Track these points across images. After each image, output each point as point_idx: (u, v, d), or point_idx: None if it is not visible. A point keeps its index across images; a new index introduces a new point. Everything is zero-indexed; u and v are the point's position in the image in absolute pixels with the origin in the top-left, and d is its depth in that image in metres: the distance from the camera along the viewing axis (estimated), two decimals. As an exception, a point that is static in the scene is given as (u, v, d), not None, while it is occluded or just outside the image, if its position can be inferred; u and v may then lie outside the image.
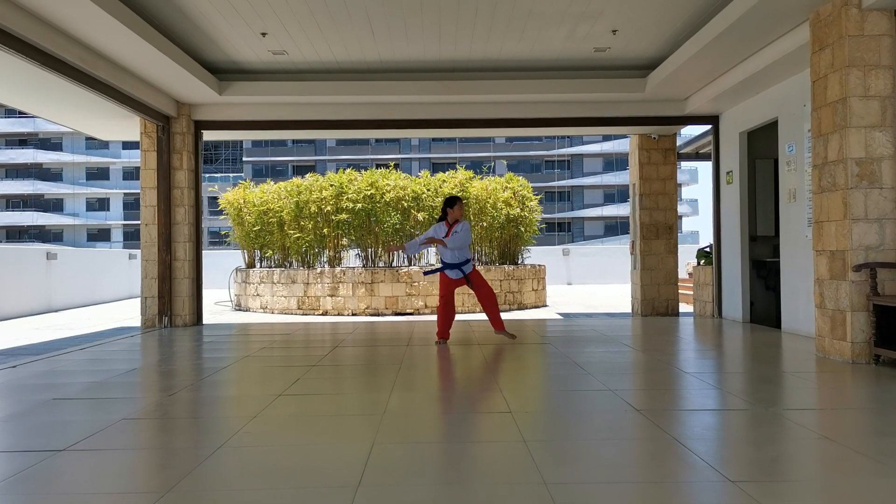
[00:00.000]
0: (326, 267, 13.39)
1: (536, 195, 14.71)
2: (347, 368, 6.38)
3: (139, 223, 12.08)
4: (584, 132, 13.17)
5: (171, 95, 9.75)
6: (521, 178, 14.66)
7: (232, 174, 56.53)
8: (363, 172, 13.94)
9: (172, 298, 10.08)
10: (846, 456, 3.36)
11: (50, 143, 58.85)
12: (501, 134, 13.05)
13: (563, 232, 57.81)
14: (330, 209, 13.22)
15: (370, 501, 2.79)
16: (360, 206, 13.10)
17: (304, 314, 12.87)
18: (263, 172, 56.31)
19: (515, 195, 14.09)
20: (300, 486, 3.00)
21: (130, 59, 7.99)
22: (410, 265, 13.47)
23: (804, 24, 6.82)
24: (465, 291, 12.92)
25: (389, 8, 7.40)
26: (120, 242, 57.99)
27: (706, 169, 25.03)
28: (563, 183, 58.78)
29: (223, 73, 9.64)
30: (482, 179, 14.15)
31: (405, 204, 13.30)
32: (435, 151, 58.73)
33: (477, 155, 56.24)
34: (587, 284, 22.20)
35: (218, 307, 14.60)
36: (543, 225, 17.01)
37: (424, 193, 13.51)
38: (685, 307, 12.85)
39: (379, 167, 14.92)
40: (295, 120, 10.34)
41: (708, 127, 10.82)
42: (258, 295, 13.71)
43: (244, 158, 59.55)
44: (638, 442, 3.70)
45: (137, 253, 18.10)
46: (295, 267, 13.70)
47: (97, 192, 59.34)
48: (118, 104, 8.70)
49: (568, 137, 56.46)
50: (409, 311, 12.66)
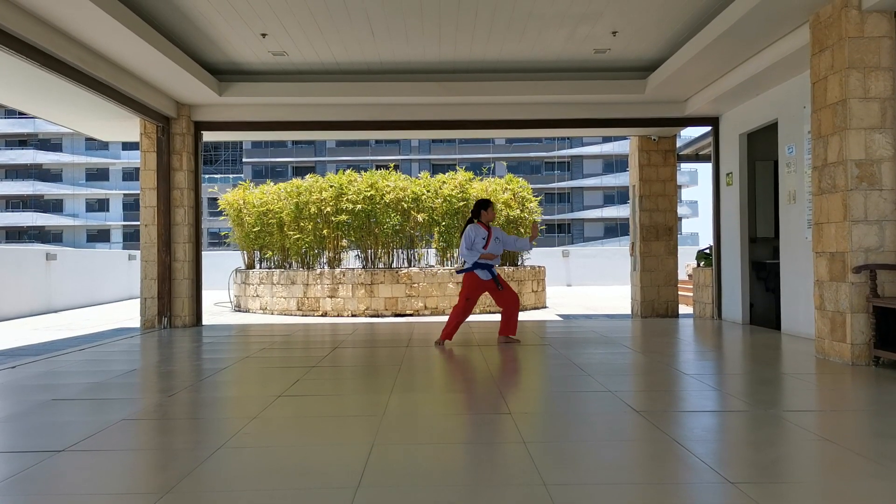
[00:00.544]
0: (326, 268, 13.39)
1: (536, 196, 14.71)
2: (347, 369, 6.37)
3: (139, 224, 12.09)
4: (583, 134, 13.18)
5: (171, 96, 9.76)
6: (520, 179, 14.66)
7: (232, 175, 56.56)
8: (363, 173, 13.94)
9: (172, 299, 10.08)
10: (846, 458, 3.36)
11: (50, 143, 58.86)
12: (501, 135, 13.08)
13: (562, 233, 57.83)
14: (330, 210, 13.22)
15: (370, 502, 2.78)
16: (359, 207, 13.10)
17: (303, 315, 12.87)
18: (263, 173, 56.33)
19: (515, 196, 14.09)
20: (300, 486, 3.00)
21: (130, 59, 8.00)
22: (410, 266, 13.47)
23: (804, 25, 6.83)
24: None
25: (389, 9, 7.41)
26: (120, 243, 57.99)
27: (706, 170, 25.04)
28: (562, 184, 58.80)
29: (223, 74, 9.65)
30: (482, 181, 14.15)
31: (405, 205, 13.30)
32: (435, 153, 58.76)
33: (477, 156, 56.27)
34: (587, 286, 22.20)
35: (217, 308, 14.60)
36: (543, 226, 16.99)
37: (424, 195, 13.51)
38: (685, 309, 12.85)
39: (379, 168, 14.92)
40: (295, 121, 10.34)
41: (708, 128, 10.82)
42: (258, 296, 13.71)
43: (244, 159, 59.58)
44: (638, 443, 3.70)
45: (137, 254, 18.09)
46: (294, 268, 13.70)
47: (97, 192, 59.34)
48: (118, 105, 8.70)
49: (568, 139, 56.52)
50: (408, 312, 12.65)
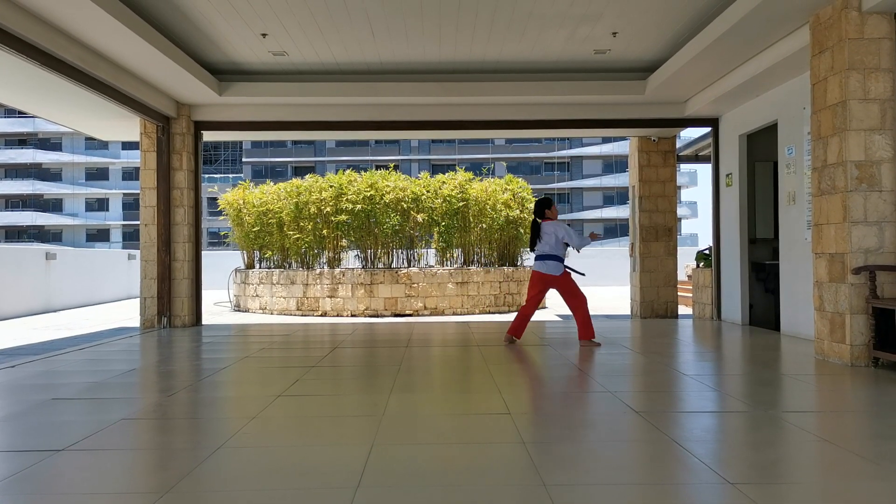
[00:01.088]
0: (326, 268, 13.39)
1: (536, 197, 14.69)
2: (346, 370, 6.37)
3: (138, 223, 12.08)
4: (583, 134, 13.19)
5: (171, 96, 9.76)
6: (520, 179, 14.67)
7: (231, 175, 56.57)
8: (363, 174, 13.95)
9: (171, 299, 10.08)
10: (845, 459, 3.36)
11: (49, 143, 58.85)
12: (501, 135, 13.08)
13: (562, 234, 57.75)
14: (329, 210, 13.22)
15: (369, 502, 2.78)
16: (359, 207, 13.10)
17: (303, 315, 12.87)
18: (263, 173, 56.32)
19: (515, 197, 14.09)
20: (299, 487, 3.00)
21: (131, 59, 8.00)
22: (410, 266, 13.48)
23: (804, 26, 6.83)
24: (464, 294, 12.93)
25: (389, 9, 7.41)
26: (119, 243, 57.97)
27: (706, 171, 24.97)
28: (562, 185, 58.81)
29: (223, 73, 9.65)
30: (482, 181, 14.16)
31: (405, 205, 13.30)
32: (434, 153, 58.76)
33: (476, 156, 56.29)
34: (586, 286, 22.12)
35: (217, 308, 14.60)
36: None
37: (424, 195, 13.51)
38: (684, 309, 12.86)
39: (378, 168, 14.93)
40: (295, 121, 10.35)
41: (707, 129, 10.83)
42: (257, 296, 13.71)
43: (244, 159, 59.58)
44: (637, 444, 3.70)
45: (137, 253, 18.10)
46: (294, 268, 13.70)
47: (96, 192, 59.33)
48: (118, 104, 8.70)
49: (567, 139, 56.55)
50: (408, 312, 12.66)
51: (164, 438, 3.99)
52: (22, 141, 58.91)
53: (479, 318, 11.82)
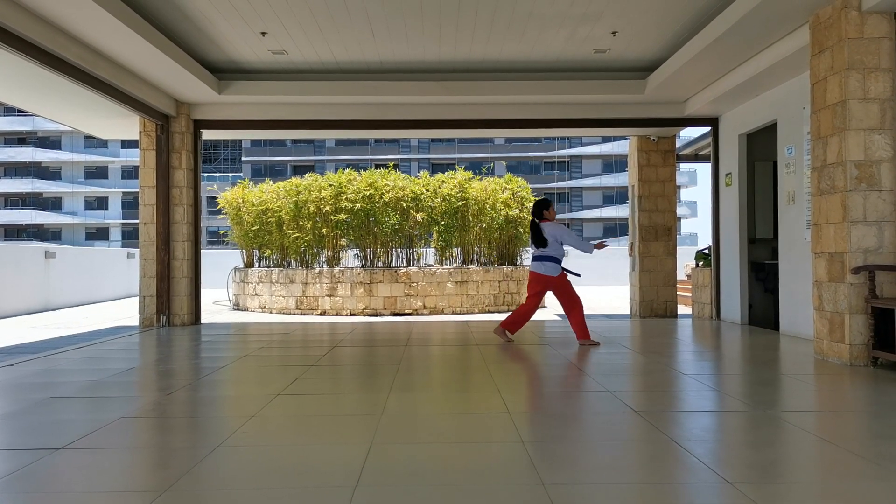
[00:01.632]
0: (325, 267, 13.39)
1: (536, 196, 14.68)
2: (346, 369, 6.37)
3: (138, 222, 12.08)
4: (583, 134, 13.19)
5: (170, 94, 9.75)
6: (520, 179, 14.66)
7: (231, 174, 56.56)
8: (362, 173, 13.94)
9: (171, 297, 10.08)
10: (844, 458, 3.36)
11: (49, 141, 58.83)
12: (501, 135, 13.08)
13: (561, 233, 57.75)
14: (329, 209, 13.22)
15: (369, 501, 2.78)
16: (358, 206, 13.10)
17: (302, 314, 12.87)
18: (262, 172, 56.30)
19: (514, 196, 14.09)
20: (298, 485, 3.00)
21: (130, 58, 7.99)
22: (409, 266, 13.47)
23: (804, 26, 6.83)
24: (463, 293, 12.93)
25: (389, 9, 7.40)
26: (118, 241, 57.95)
27: (705, 171, 24.99)
28: (562, 184, 58.82)
29: (223, 72, 9.64)
30: (481, 180, 14.15)
31: (404, 204, 13.30)
32: (434, 152, 58.77)
33: (476, 156, 56.29)
34: (585, 286, 22.14)
35: (216, 307, 14.59)
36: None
37: (423, 194, 13.51)
38: (683, 309, 12.86)
39: (378, 167, 14.92)
40: (294, 120, 10.34)
41: (707, 129, 10.83)
42: (256, 294, 13.71)
43: (243, 158, 59.55)
44: (636, 443, 3.70)
45: (136, 252, 18.10)
46: (293, 267, 13.69)
47: (96, 190, 59.31)
48: (118, 103, 8.69)
49: (567, 139, 56.55)
50: (407, 311, 12.65)
51: (162, 437, 3.99)
52: (21, 139, 58.89)
53: (478, 317, 11.82)
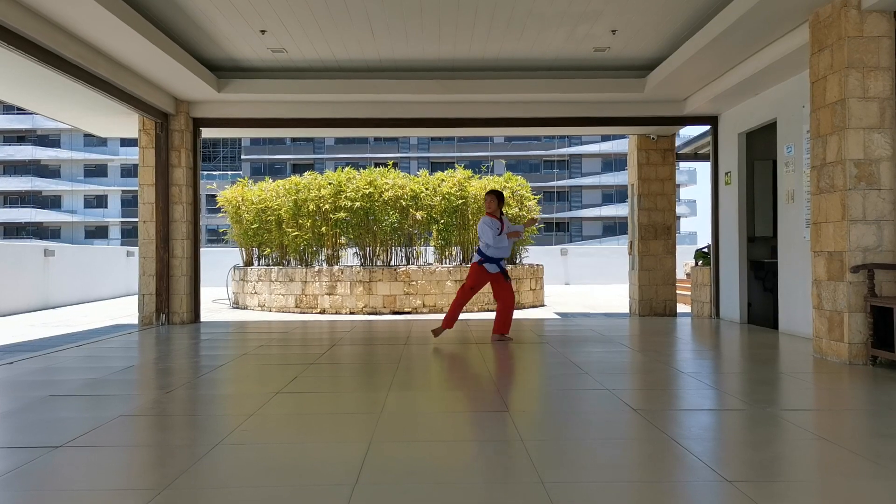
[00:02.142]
0: (324, 265, 13.39)
1: (535, 195, 14.71)
2: (345, 367, 6.37)
3: (137, 220, 12.07)
4: (582, 132, 13.19)
5: (169, 93, 9.74)
6: (519, 177, 14.65)
7: (230, 172, 56.52)
8: (362, 171, 13.94)
9: (170, 296, 10.07)
10: (843, 457, 3.36)
11: (48, 139, 58.78)
12: (500, 133, 13.06)
13: (561, 232, 57.84)
14: (328, 207, 13.21)
15: (367, 500, 2.79)
16: (358, 204, 13.09)
17: (301, 312, 12.87)
18: (262, 170, 56.25)
19: (514, 195, 14.08)
20: (297, 484, 3.00)
21: (130, 56, 7.98)
22: (408, 264, 13.47)
23: (803, 25, 6.83)
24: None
25: (389, 7, 7.40)
26: (118, 240, 57.90)
27: (705, 170, 25.03)
28: (561, 183, 58.80)
29: (222, 70, 9.63)
30: (481, 179, 14.15)
31: (403, 203, 13.30)
32: (433, 151, 58.74)
33: (475, 154, 56.25)
34: (585, 284, 22.21)
35: (216, 305, 14.59)
36: (542, 225, 17.00)
37: (423, 192, 13.51)
38: (683, 308, 12.86)
39: (377, 166, 14.92)
40: (294, 118, 10.33)
41: (707, 128, 10.83)
42: (256, 293, 13.70)
43: (242, 156, 59.50)
44: (635, 442, 3.71)
45: (135, 250, 18.09)
46: (293, 265, 13.69)
47: (95, 189, 59.27)
48: (117, 101, 8.68)
49: (567, 137, 56.49)
50: (406, 309, 12.65)
51: (161, 435, 3.99)
52: (21, 137, 58.83)
53: (477, 315, 11.81)
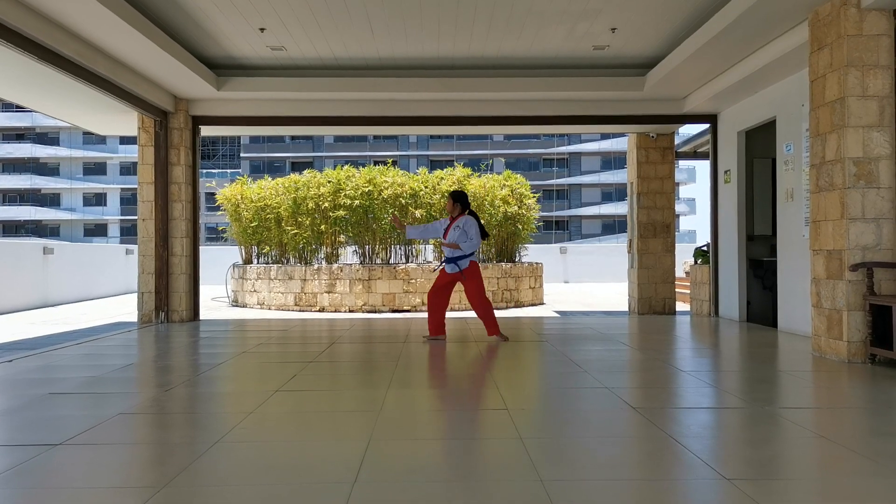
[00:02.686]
0: (324, 263, 13.38)
1: (534, 193, 14.71)
2: (344, 365, 6.37)
3: (136, 218, 12.07)
4: (582, 130, 13.18)
5: (168, 91, 9.73)
6: (518, 175, 14.65)
7: (229, 170, 56.43)
8: (361, 169, 13.93)
9: (169, 294, 10.07)
10: (842, 455, 3.37)
11: (47, 137, 58.69)
12: (499, 132, 13.05)
13: (560, 230, 57.84)
14: (327, 206, 13.21)
15: (366, 498, 2.79)
16: (357, 202, 13.09)
17: (301, 311, 12.86)
18: (261, 168, 56.22)
19: (513, 193, 14.08)
20: (296, 482, 3.00)
21: (129, 54, 7.98)
22: (408, 262, 13.47)
23: (803, 23, 6.82)
24: (462, 290, 12.94)
25: (388, 5, 7.39)
26: (117, 238, 57.86)
27: (704, 168, 25.00)
28: (560, 181, 58.78)
29: (221, 68, 9.62)
30: (480, 177, 14.15)
31: (403, 201, 13.29)
32: (433, 149, 58.70)
33: (475, 153, 56.23)
34: (584, 283, 22.21)
35: (215, 303, 14.59)
36: (541, 223, 17.00)
37: (422, 190, 13.50)
38: (682, 306, 12.87)
39: (377, 164, 14.91)
40: (293, 116, 10.33)
41: (706, 126, 10.83)
42: (255, 291, 13.70)
43: (242, 154, 59.40)
44: (634, 440, 3.71)
45: (134, 248, 18.07)
46: (292, 263, 13.69)
47: (94, 187, 59.21)
48: (116, 99, 8.68)
49: (566, 136, 56.47)
50: (406, 308, 12.65)
51: (161, 433, 3.99)
52: (20, 135, 58.75)
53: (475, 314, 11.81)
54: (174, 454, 3.46)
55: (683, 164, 54.58)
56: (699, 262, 11.17)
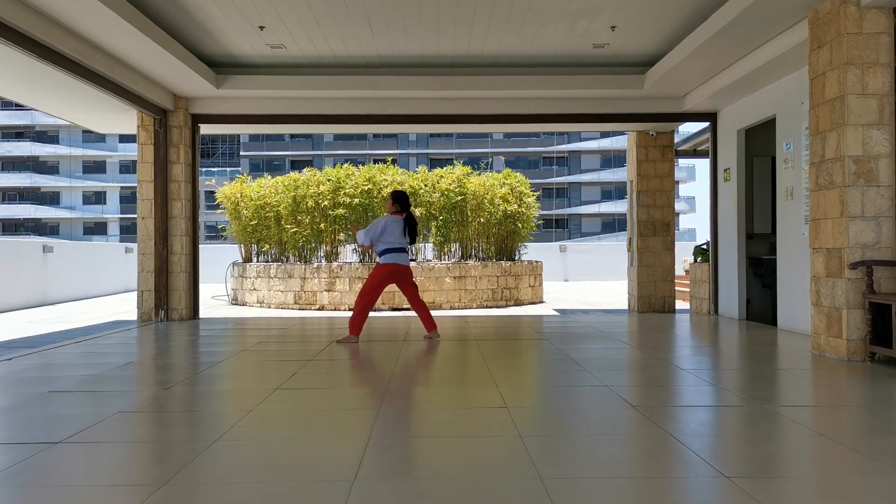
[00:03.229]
0: (323, 262, 13.38)
1: (534, 191, 14.70)
2: (344, 363, 6.37)
3: (136, 217, 12.06)
4: (582, 128, 13.18)
5: (168, 89, 9.73)
6: (518, 174, 14.65)
7: (229, 168, 56.38)
8: (360, 167, 13.93)
9: (169, 292, 10.07)
10: (841, 453, 3.37)
11: (47, 136, 58.67)
12: (499, 130, 13.05)
13: (560, 228, 57.85)
14: (327, 204, 13.21)
15: (366, 496, 2.79)
16: (357, 201, 13.09)
17: (300, 309, 12.87)
18: (260, 167, 56.22)
19: (513, 191, 14.08)
20: (296, 480, 3.00)
21: (128, 52, 7.97)
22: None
23: (803, 21, 6.82)
24: (461, 288, 12.94)
25: (388, 3, 7.38)
26: (116, 236, 57.86)
27: (704, 166, 24.99)
28: (560, 179, 58.79)
29: (221, 66, 9.62)
30: (480, 175, 14.14)
31: (402, 199, 13.27)
32: (432, 147, 58.69)
33: (474, 151, 56.21)
34: (584, 281, 22.22)
35: (214, 301, 14.59)
36: (541, 221, 17.01)
37: (422, 189, 13.50)
38: (682, 304, 12.87)
39: (376, 162, 14.90)
40: (292, 114, 10.32)
41: (706, 124, 10.83)
42: (255, 289, 13.70)
43: (241, 153, 59.33)
44: (633, 438, 3.71)
45: (134, 247, 18.07)
46: (292, 262, 13.69)
47: (94, 185, 59.20)
48: (115, 97, 8.67)
49: (566, 134, 56.47)
50: (405, 306, 12.65)
51: (160, 431, 3.99)
52: (19, 134, 58.73)
53: (476, 312, 11.82)
54: (174, 452, 3.46)
55: (683, 162, 54.63)
56: (699, 260, 11.17)
